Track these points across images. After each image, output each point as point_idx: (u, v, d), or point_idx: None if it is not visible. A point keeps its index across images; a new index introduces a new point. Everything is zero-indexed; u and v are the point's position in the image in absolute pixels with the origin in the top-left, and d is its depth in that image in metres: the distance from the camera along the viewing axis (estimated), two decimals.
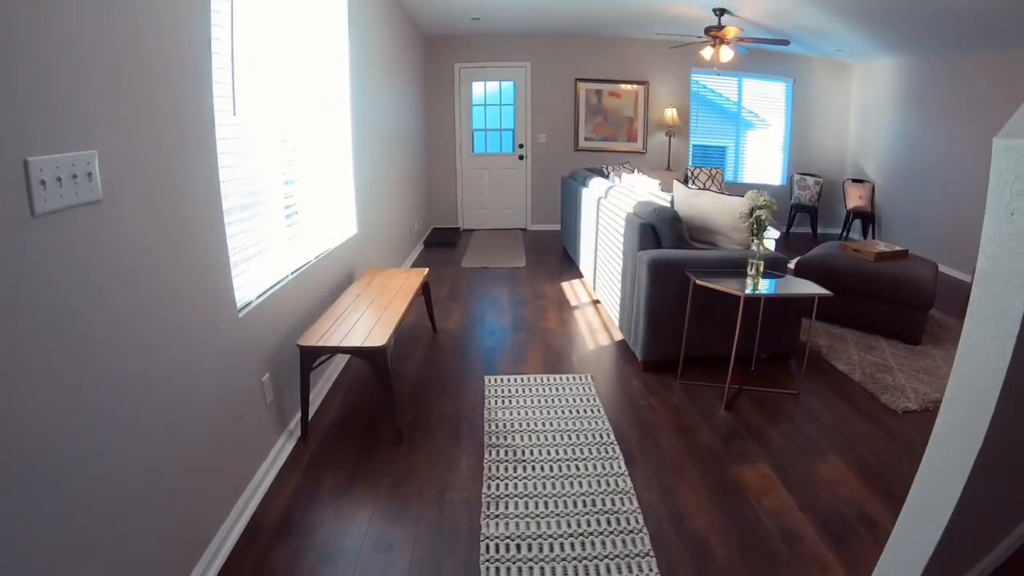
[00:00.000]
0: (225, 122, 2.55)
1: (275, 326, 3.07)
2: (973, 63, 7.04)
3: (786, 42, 7.01)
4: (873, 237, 8.75)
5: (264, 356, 2.94)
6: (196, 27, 2.25)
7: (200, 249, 2.29)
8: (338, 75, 4.32)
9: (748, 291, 3.60)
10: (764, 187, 9.17)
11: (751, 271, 3.76)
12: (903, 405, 3.78)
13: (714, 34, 6.76)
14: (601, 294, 5.45)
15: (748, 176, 9.80)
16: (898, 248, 5.36)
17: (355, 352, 3.07)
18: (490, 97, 9.35)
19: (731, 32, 6.61)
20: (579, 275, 6.72)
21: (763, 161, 9.83)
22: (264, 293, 2.96)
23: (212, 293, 2.39)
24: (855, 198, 8.80)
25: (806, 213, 9.24)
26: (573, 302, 5.82)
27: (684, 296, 3.96)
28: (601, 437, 3.33)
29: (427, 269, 4.66)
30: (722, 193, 8.17)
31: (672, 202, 4.47)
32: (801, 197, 9.21)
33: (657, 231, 4.17)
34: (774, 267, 4.02)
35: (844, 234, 9.06)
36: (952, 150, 7.45)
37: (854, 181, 8.94)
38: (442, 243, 8.43)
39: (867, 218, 8.74)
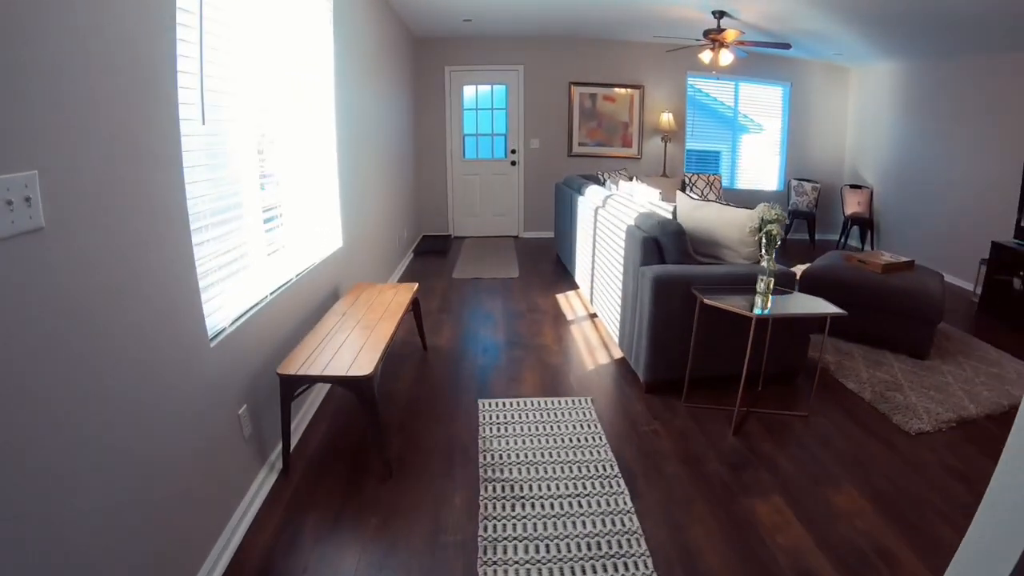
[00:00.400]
0: (194, 132, 2.32)
1: (253, 353, 2.84)
2: (972, 67, 6.93)
3: (787, 45, 6.83)
4: (872, 243, 8.63)
5: (240, 387, 2.71)
6: (158, 30, 2.02)
7: (165, 276, 2.06)
8: (322, 78, 4.08)
9: (759, 311, 3.40)
10: (761, 193, 9.15)
11: (761, 288, 3.56)
12: (916, 426, 3.63)
13: (713, 37, 6.56)
14: (599, 307, 5.24)
15: (744, 182, 9.65)
16: (904, 259, 5.21)
17: (339, 382, 2.84)
18: (482, 101, 9.12)
19: (731, 35, 6.41)
20: (575, 286, 6.49)
21: (760, 166, 9.66)
22: (240, 318, 2.73)
23: (179, 324, 2.16)
24: (853, 204, 8.65)
25: (804, 219, 9.07)
26: (569, 316, 5.61)
27: (689, 314, 3.75)
28: (604, 469, 3.12)
29: (416, 284, 4.43)
30: (720, 200, 8.02)
31: (674, 213, 4.26)
32: (799, 203, 9.05)
33: (661, 245, 3.96)
34: (782, 282, 3.82)
35: (842, 240, 8.92)
36: (951, 155, 7.34)
37: (852, 187, 8.79)
38: (432, 251, 8.20)
39: (865, 224, 8.60)
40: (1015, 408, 3.86)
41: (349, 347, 3.11)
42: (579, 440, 3.39)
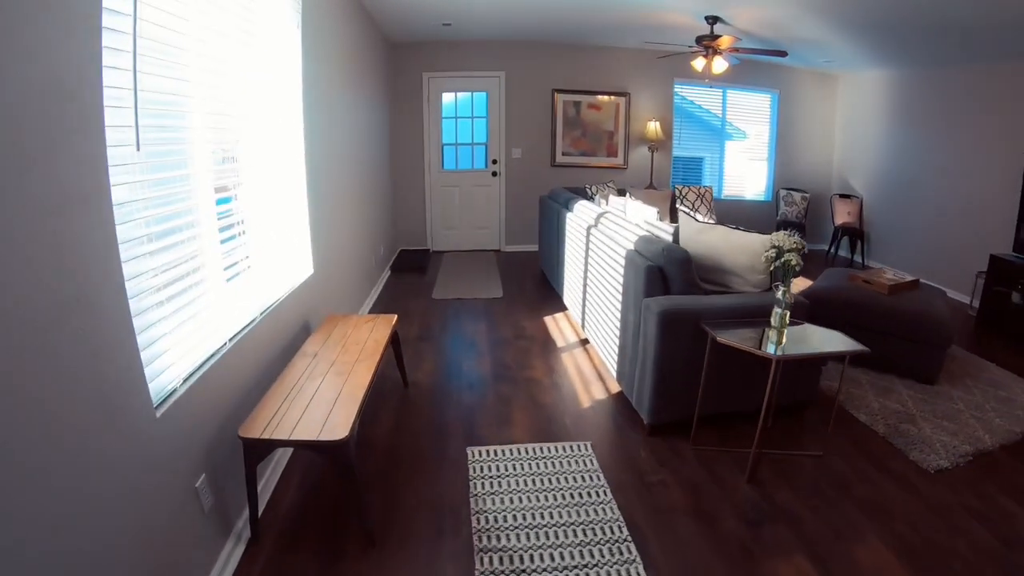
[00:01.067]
0: (129, 160, 1.95)
1: (210, 413, 2.46)
2: (965, 76, 6.78)
3: (784, 53, 6.55)
4: (862, 254, 8.43)
5: (197, 455, 2.33)
6: (74, 46, 1.65)
7: (92, 342, 1.69)
8: (288, 86, 3.68)
9: (779, 351, 3.09)
10: (749, 203, 8.92)
11: (776, 322, 3.26)
12: (935, 463, 3.42)
13: (707, 44, 6.26)
14: (591, 333, 4.90)
15: (731, 191, 9.40)
16: (909, 278, 5.01)
17: (310, 447, 2.46)
18: (462, 109, 8.75)
19: (726, 42, 6.12)
20: (563, 307, 6.12)
21: (748, 176, 9.42)
22: (194, 374, 2.34)
23: (114, 396, 1.78)
24: (843, 214, 8.45)
25: (793, 230, 8.81)
26: (559, 342, 5.24)
27: (697, 349, 3.43)
28: (612, 532, 2.78)
29: (395, 317, 4.01)
30: (712, 213, 7.75)
31: (676, 236, 3.94)
32: (788, 213, 8.82)
33: (665, 274, 3.63)
34: (794, 311, 3.51)
35: (832, 251, 8.70)
36: (942, 165, 7.19)
37: (842, 196, 8.59)
38: (410, 268, 7.81)
39: (855, 234, 8.38)
40: None
41: (321, 400, 2.73)
42: (582, 496, 3.04)
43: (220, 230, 2.71)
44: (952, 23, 5.30)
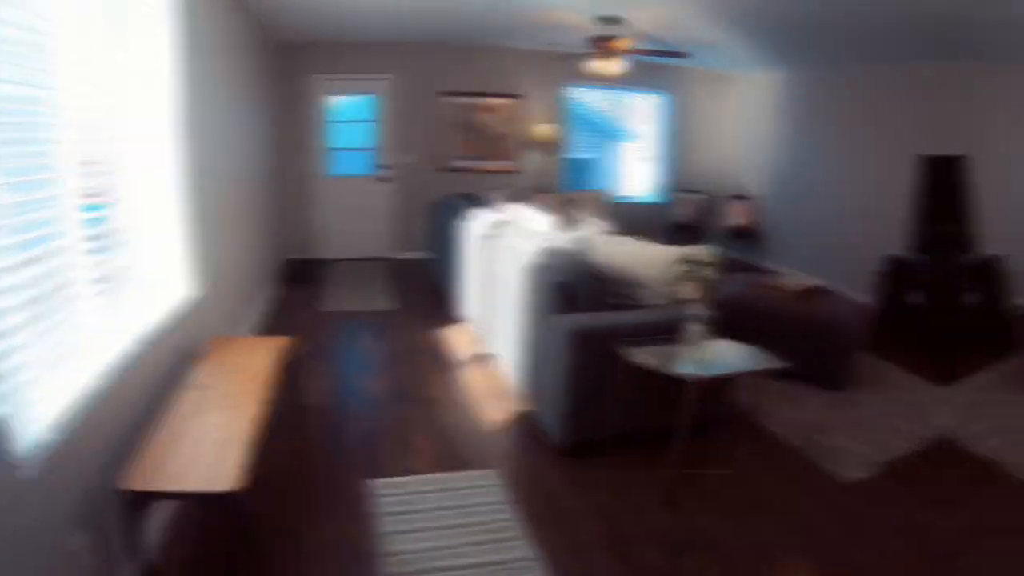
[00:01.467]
0: None
1: (82, 463, 2.09)
2: (854, 77, 6.99)
3: (684, 55, 6.57)
4: (758, 256, 8.64)
5: (70, 511, 1.98)
6: None
7: None
8: (163, 91, 3.28)
9: (694, 371, 3.00)
10: (642, 205, 8.95)
11: (689, 340, 3.17)
12: (849, 475, 3.44)
13: (603, 45, 6.17)
14: (492, 347, 4.73)
15: (624, 193, 9.51)
16: (813, 283, 5.09)
17: (197, 498, 2.15)
18: (350, 113, 8.42)
19: (624, 43, 6.06)
20: (460, 319, 5.84)
21: (641, 178, 9.53)
22: (62, 421, 1.97)
23: None
24: (737, 215, 8.65)
25: (688, 232, 8.90)
26: (458, 357, 5.02)
27: (608, 367, 3.29)
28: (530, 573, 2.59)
29: (286, 339, 3.69)
30: (608, 217, 7.71)
31: (580, 247, 3.79)
32: (681, 215, 8.96)
33: (572, 289, 3.48)
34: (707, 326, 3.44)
35: (728, 253, 8.81)
36: (838, 167, 7.39)
37: (736, 198, 8.76)
38: (299, 278, 7.37)
39: (750, 236, 8.57)
40: (937, 440, 3.80)
41: (209, 441, 2.38)
42: (494, 533, 2.82)
43: (90, 252, 2.34)
44: (844, 25, 5.45)
